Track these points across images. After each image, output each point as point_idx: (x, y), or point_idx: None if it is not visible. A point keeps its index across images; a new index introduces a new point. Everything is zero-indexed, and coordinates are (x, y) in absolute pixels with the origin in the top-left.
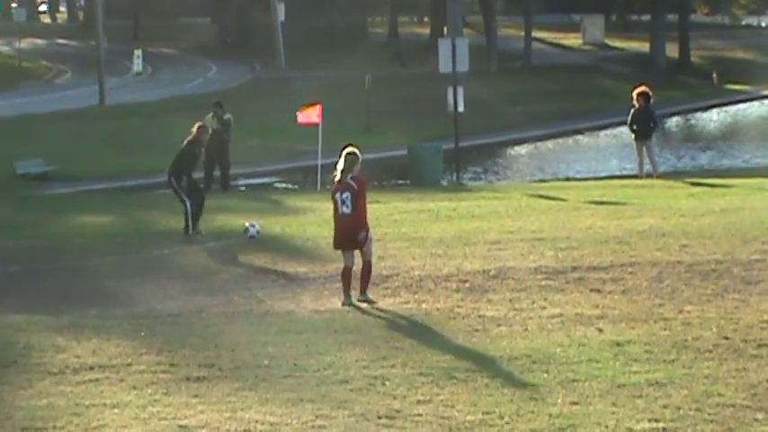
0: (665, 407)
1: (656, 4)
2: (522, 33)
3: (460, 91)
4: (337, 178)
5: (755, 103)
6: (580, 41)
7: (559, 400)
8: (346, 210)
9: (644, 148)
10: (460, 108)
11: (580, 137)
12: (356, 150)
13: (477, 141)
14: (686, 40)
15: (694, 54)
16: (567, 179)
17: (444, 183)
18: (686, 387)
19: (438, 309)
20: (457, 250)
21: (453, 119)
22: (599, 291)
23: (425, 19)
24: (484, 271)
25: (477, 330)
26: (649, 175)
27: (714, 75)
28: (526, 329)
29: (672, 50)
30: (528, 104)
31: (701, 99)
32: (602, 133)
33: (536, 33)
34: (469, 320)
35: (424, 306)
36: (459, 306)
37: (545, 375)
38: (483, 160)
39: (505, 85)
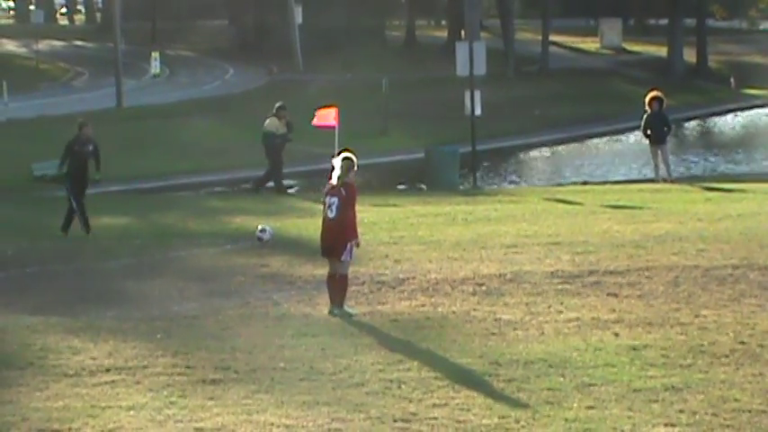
0: (681, 411)
1: (674, 9)
2: (540, 37)
3: (477, 94)
4: (332, 182)
5: None
6: (597, 45)
7: (575, 405)
8: (331, 215)
9: (659, 153)
10: (477, 111)
11: (597, 141)
12: (352, 156)
13: (493, 145)
14: (704, 44)
15: (712, 58)
16: (584, 183)
17: (461, 186)
18: (702, 392)
19: (454, 312)
20: (473, 254)
21: (470, 122)
22: (615, 295)
23: (443, 22)
24: (500, 274)
25: (493, 334)
26: (665, 180)
27: (732, 79)
28: (542, 333)
29: (689, 55)
30: (545, 108)
31: (719, 103)
32: (619, 137)
33: (553, 37)
34: (486, 324)
35: (440, 309)
36: (475, 309)
37: (561, 379)
38: (500, 164)
39: (522, 88)
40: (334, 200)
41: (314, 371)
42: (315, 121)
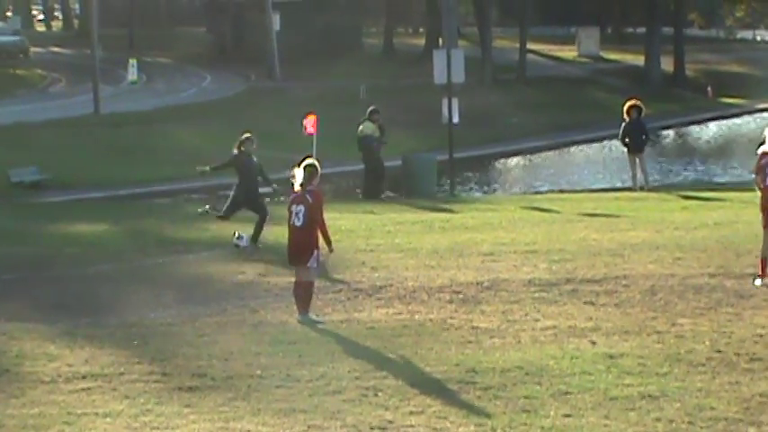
0: (657, 420)
1: (652, 18)
2: (517, 45)
3: (455, 102)
4: (295, 190)
5: (748, 118)
6: (575, 54)
7: (552, 413)
8: (297, 222)
9: (636, 161)
10: (455, 119)
11: (574, 149)
12: (316, 163)
13: (471, 153)
14: (681, 53)
15: (689, 67)
16: (561, 191)
17: (438, 194)
18: (679, 400)
19: (431, 320)
20: (450, 261)
21: (448, 130)
22: (592, 303)
23: (420, 30)
24: (477, 282)
25: (469, 342)
26: (642, 188)
27: (709, 88)
28: (519, 341)
29: (667, 63)
30: (522, 116)
31: (696, 112)
32: (596, 146)
33: (531, 45)
34: (462, 332)
35: (417, 317)
36: (452, 317)
37: (537, 387)
38: (477, 172)
39: (500, 96)
40: (300, 208)
41: (290, 378)
42: (307, 130)
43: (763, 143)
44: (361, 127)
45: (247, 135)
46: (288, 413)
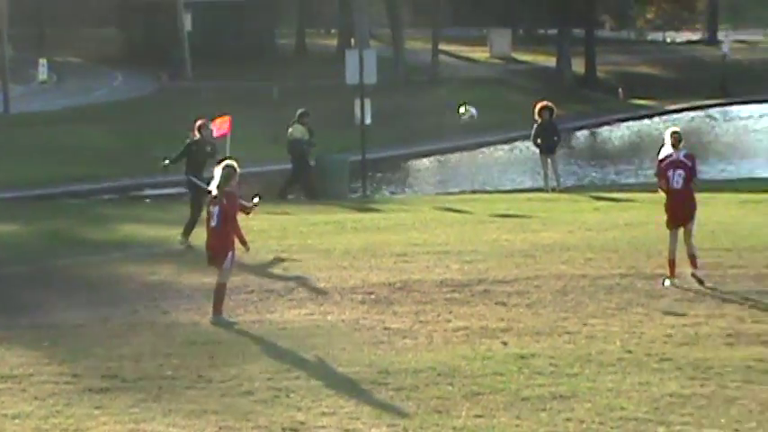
0: (568, 420)
1: (563, 19)
2: (430, 46)
3: (368, 103)
4: (213, 192)
5: (658, 119)
6: (487, 55)
7: (463, 413)
8: (213, 223)
9: (549, 162)
10: (367, 120)
11: (487, 150)
12: (234, 164)
13: (384, 153)
14: (592, 54)
15: (600, 69)
16: (474, 192)
17: (351, 195)
18: (589, 400)
19: (343, 320)
20: (363, 262)
21: (360, 131)
22: (504, 304)
23: (332, 31)
24: (389, 283)
25: (382, 342)
26: (554, 189)
27: (620, 89)
28: (431, 342)
29: (578, 65)
30: (435, 117)
31: (608, 113)
32: (508, 146)
33: (444, 46)
34: (375, 332)
35: (329, 318)
36: (364, 318)
37: (449, 388)
38: (390, 172)
39: (413, 97)
40: (216, 209)
41: (202, 379)
42: (215, 133)
43: (663, 145)
44: (290, 130)
45: (202, 121)
46: (199, 414)
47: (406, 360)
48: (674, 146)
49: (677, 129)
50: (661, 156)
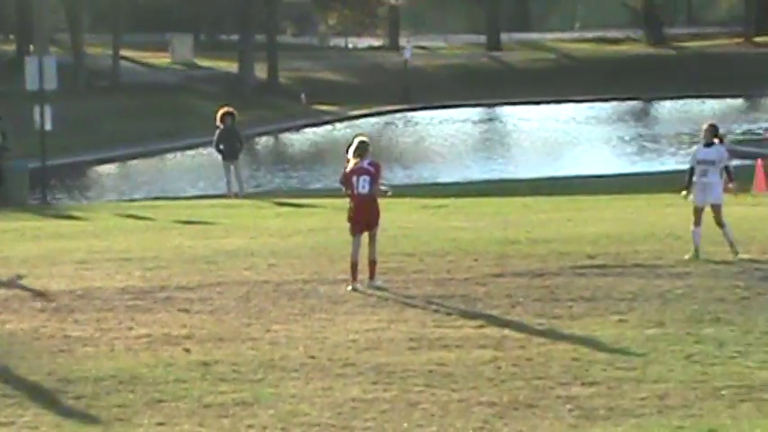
0: (251, 426)
1: (244, 25)
2: (111, 51)
3: (48, 109)
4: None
5: (340, 125)
6: (169, 60)
7: (145, 421)
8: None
9: (232, 168)
10: (48, 126)
11: (170, 156)
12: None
13: (65, 160)
14: (274, 60)
15: (283, 74)
16: (156, 199)
17: (31, 202)
18: (272, 406)
19: (22, 329)
20: (43, 270)
21: (40, 137)
22: (187, 311)
23: (11, 36)
24: (70, 291)
25: (62, 351)
26: (237, 195)
27: (302, 95)
28: (112, 350)
29: (261, 71)
30: (117, 123)
31: (290, 119)
32: (190, 153)
33: (125, 52)
34: (55, 341)
35: (8, 326)
36: (44, 326)
37: (131, 396)
38: (71, 179)
39: (94, 103)
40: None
41: None
42: None
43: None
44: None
45: None
46: None
47: (87, 368)
48: (360, 156)
49: (365, 138)
50: (349, 166)
